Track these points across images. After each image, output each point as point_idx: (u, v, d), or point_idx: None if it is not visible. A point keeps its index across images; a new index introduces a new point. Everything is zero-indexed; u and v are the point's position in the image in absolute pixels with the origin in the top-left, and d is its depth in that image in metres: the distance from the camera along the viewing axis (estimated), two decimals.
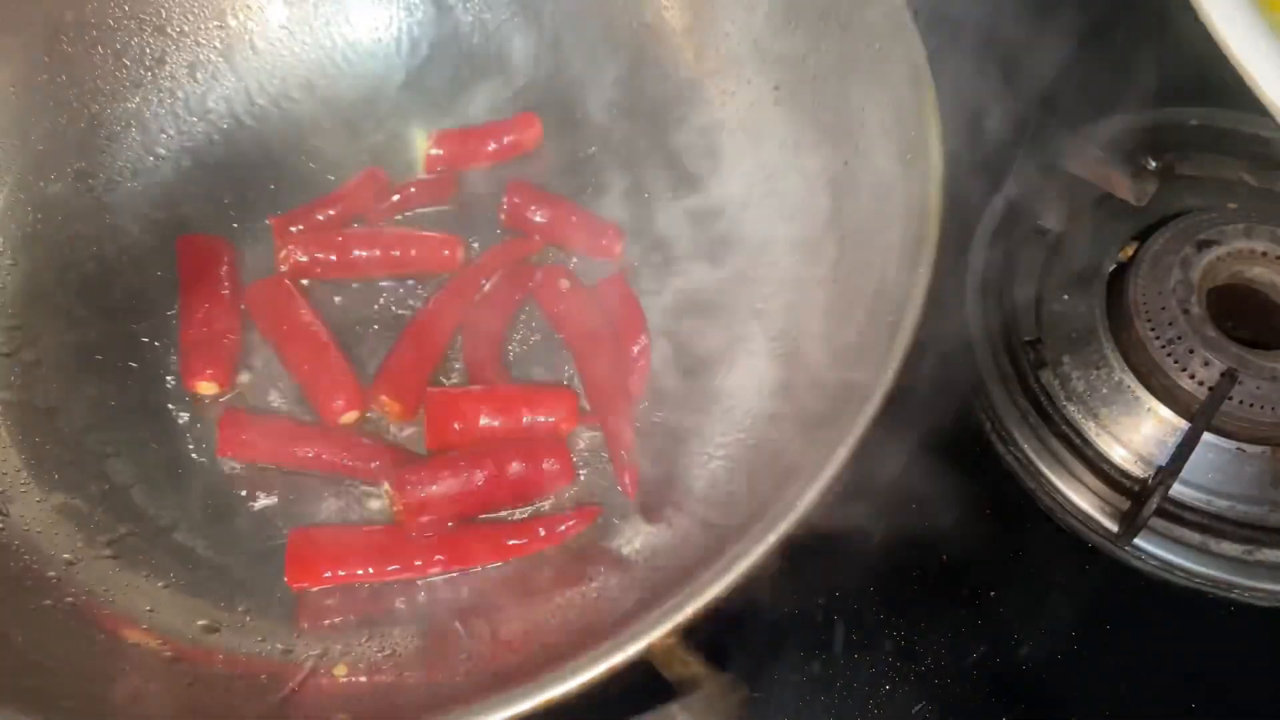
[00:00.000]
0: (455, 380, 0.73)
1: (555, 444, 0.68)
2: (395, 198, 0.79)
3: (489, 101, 0.83)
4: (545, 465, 0.66)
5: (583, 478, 0.69)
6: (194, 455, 0.69)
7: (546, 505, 0.68)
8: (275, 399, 0.72)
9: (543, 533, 0.65)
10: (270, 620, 0.62)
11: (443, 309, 0.74)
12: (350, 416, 0.70)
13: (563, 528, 0.65)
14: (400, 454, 0.69)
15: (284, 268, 0.75)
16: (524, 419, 0.68)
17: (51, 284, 0.74)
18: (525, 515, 0.67)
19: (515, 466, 0.66)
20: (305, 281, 0.76)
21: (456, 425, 0.68)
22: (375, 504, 0.68)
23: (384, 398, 0.69)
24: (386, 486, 0.65)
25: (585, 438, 0.71)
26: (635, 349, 0.72)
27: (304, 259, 0.74)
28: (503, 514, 0.67)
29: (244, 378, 0.73)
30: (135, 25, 0.80)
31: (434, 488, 0.65)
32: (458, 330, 0.74)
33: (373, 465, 0.67)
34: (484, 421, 0.68)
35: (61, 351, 0.72)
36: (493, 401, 0.69)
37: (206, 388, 0.70)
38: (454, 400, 0.69)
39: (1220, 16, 0.49)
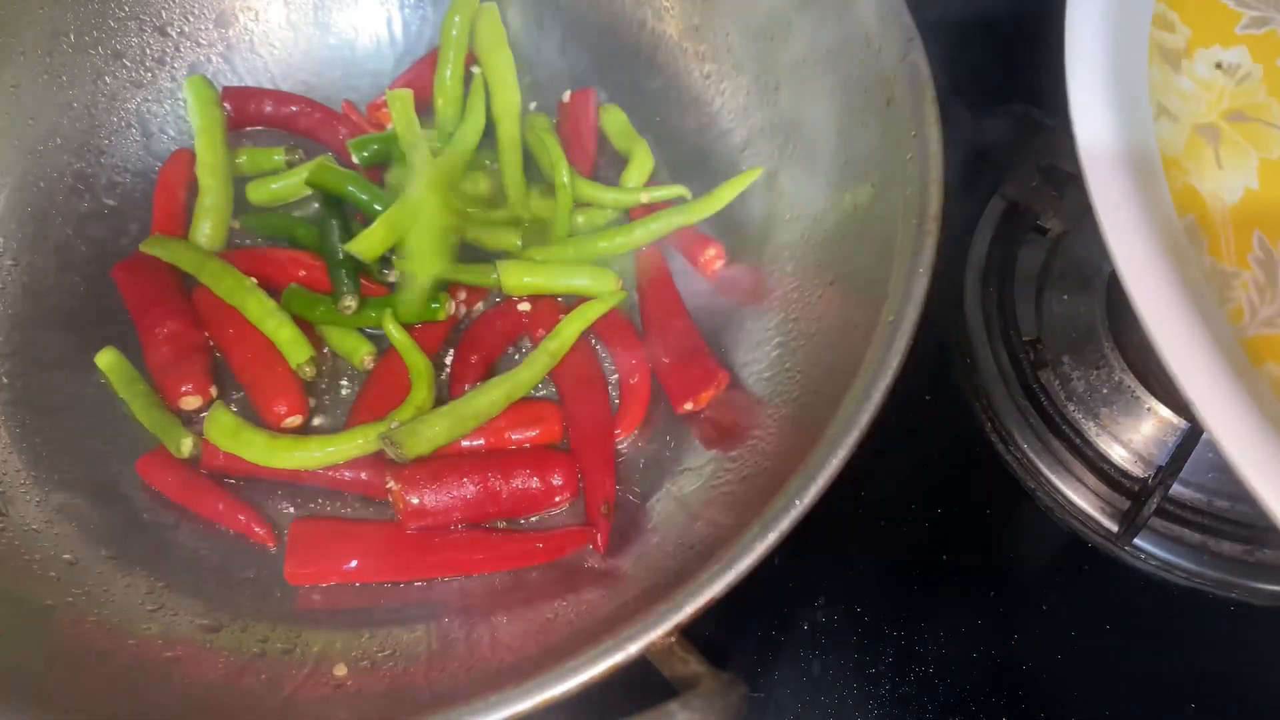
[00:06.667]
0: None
1: (562, 458, 0.68)
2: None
3: None
4: (550, 479, 0.66)
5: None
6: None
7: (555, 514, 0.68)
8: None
9: (541, 546, 0.64)
10: (270, 620, 0.62)
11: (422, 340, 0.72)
12: (293, 421, 0.69)
13: (561, 545, 0.64)
14: (381, 463, 0.67)
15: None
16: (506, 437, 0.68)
17: (51, 284, 0.74)
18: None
19: (519, 479, 0.66)
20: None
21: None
22: (374, 510, 0.68)
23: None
24: (391, 483, 0.65)
25: None
26: (633, 381, 0.71)
27: None
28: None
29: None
30: (135, 26, 0.80)
31: (438, 492, 0.64)
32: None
33: (360, 476, 0.67)
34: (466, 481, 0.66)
35: (61, 351, 0.72)
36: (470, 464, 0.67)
37: (190, 402, 0.69)
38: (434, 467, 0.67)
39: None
